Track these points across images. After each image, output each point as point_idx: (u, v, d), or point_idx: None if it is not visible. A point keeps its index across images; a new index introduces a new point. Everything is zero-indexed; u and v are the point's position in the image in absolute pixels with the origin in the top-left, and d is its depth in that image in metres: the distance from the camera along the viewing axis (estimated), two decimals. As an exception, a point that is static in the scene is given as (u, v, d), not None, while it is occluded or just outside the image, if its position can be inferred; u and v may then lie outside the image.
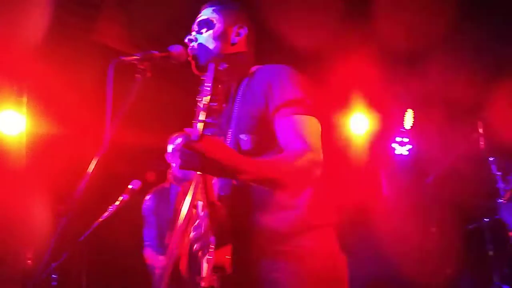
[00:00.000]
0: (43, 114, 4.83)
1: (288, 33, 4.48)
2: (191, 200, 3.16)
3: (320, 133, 1.93)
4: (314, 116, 1.93)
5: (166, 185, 3.78)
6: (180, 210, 3.35)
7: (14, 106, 4.77)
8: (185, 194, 3.44)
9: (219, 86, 1.59)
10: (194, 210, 3.15)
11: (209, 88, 1.59)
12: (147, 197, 3.95)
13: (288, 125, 1.89)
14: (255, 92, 2.02)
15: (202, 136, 1.63)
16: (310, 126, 1.90)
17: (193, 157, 1.64)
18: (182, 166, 1.69)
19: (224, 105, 2.01)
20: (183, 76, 3.22)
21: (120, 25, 4.53)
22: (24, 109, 4.80)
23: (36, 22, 4.02)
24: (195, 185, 3.28)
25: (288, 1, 4.59)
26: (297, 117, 1.89)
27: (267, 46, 3.06)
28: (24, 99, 4.75)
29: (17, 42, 4.12)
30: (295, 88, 1.95)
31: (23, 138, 4.74)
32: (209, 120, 1.62)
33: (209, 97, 1.60)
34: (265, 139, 1.96)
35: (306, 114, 1.91)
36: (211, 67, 1.61)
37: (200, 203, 2.22)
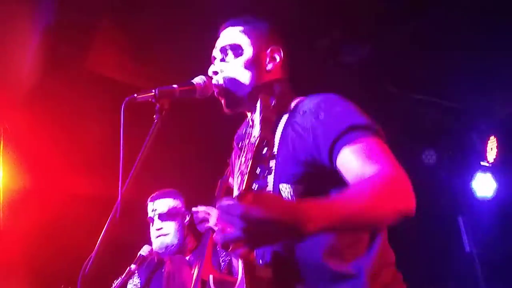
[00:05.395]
0: (20, 165, 4.17)
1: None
2: (198, 275, 2.99)
3: None
4: (384, 140, 1.74)
5: (149, 257, 3.32)
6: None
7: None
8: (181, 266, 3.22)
9: (270, 128, 1.40)
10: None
11: (258, 131, 1.39)
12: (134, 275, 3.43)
13: (358, 151, 1.67)
14: (299, 130, 1.84)
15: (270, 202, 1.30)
16: (385, 148, 1.69)
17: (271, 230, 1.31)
18: (254, 246, 1.41)
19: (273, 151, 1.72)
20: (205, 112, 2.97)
21: (121, 51, 4.03)
22: None
23: (23, 58, 3.60)
24: (200, 259, 3.04)
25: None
26: (368, 139, 1.69)
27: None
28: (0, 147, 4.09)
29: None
30: (354, 113, 1.77)
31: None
32: (259, 170, 1.37)
33: (257, 140, 1.37)
34: (309, 190, 1.77)
35: (376, 137, 1.71)
36: (260, 104, 1.43)
37: (211, 277, 2.33)
